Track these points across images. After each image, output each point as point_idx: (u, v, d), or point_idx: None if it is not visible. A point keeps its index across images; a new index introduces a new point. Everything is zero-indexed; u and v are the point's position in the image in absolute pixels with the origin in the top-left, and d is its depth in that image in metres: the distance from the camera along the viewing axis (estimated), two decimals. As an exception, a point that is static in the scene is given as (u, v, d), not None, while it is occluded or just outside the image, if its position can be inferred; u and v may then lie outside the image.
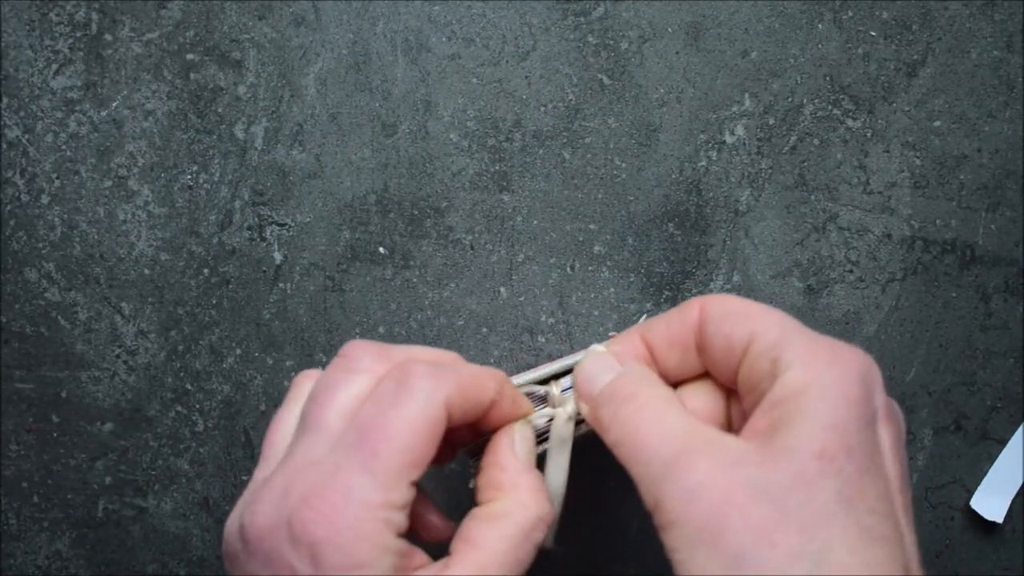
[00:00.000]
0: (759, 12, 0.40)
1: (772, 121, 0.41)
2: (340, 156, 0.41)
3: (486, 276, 0.41)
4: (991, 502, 0.42)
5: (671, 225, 0.41)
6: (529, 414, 0.31)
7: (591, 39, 0.40)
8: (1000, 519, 0.42)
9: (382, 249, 0.41)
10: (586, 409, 0.30)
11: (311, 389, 0.28)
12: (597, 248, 0.41)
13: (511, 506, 0.28)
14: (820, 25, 0.40)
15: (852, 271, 0.41)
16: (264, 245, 0.41)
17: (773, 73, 0.40)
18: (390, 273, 0.41)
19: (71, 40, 0.40)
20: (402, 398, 0.27)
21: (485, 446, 0.31)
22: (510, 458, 0.29)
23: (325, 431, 0.27)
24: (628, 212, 0.41)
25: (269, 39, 0.40)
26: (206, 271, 0.41)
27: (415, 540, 0.27)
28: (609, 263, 0.41)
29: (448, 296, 0.41)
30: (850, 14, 0.40)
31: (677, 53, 0.40)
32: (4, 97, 0.40)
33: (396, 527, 0.26)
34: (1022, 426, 0.42)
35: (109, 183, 0.41)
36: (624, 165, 0.41)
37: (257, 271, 0.41)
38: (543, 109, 0.41)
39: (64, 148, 0.41)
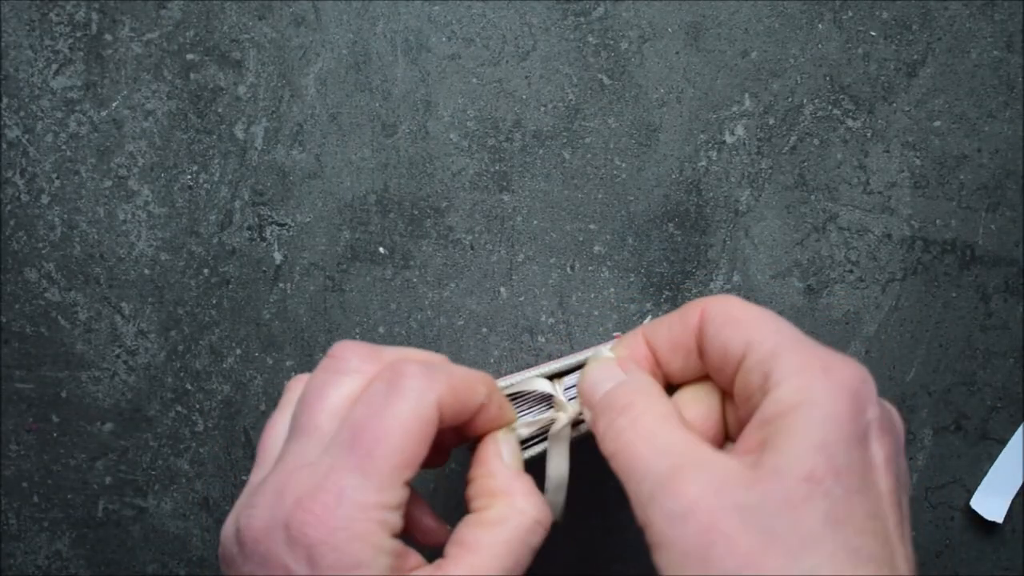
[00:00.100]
0: (759, 12, 0.40)
1: (772, 121, 0.41)
2: (340, 156, 0.41)
3: (486, 276, 0.41)
4: (991, 502, 0.42)
5: (671, 225, 0.41)
6: (513, 421, 0.31)
7: (591, 39, 0.40)
8: (1000, 519, 0.42)
9: (382, 249, 0.41)
10: (589, 414, 0.30)
11: (302, 392, 0.28)
12: (597, 248, 0.41)
13: (506, 512, 0.28)
14: (820, 25, 0.40)
15: (852, 271, 0.41)
16: (264, 245, 0.41)
17: (773, 73, 0.40)
18: (390, 273, 0.41)
19: (71, 40, 0.40)
20: (394, 398, 0.26)
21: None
22: (499, 465, 0.29)
23: (316, 433, 0.27)
24: (628, 212, 0.41)
25: (269, 39, 0.40)
26: (206, 271, 0.41)
27: (410, 543, 0.27)
28: (609, 263, 0.41)
29: (448, 296, 0.41)
30: (850, 14, 0.40)
31: (677, 53, 0.40)
32: (4, 97, 0.40)
33: (391, 527, 0.26)
34: (1022, 426, 0.42)
35: (109, 183, 0.41)
36: (624, 165, 0.41)
37: (257, 271, 0.41)
38: (543, 109, 0.41)
39: (64, 148, 0.41)
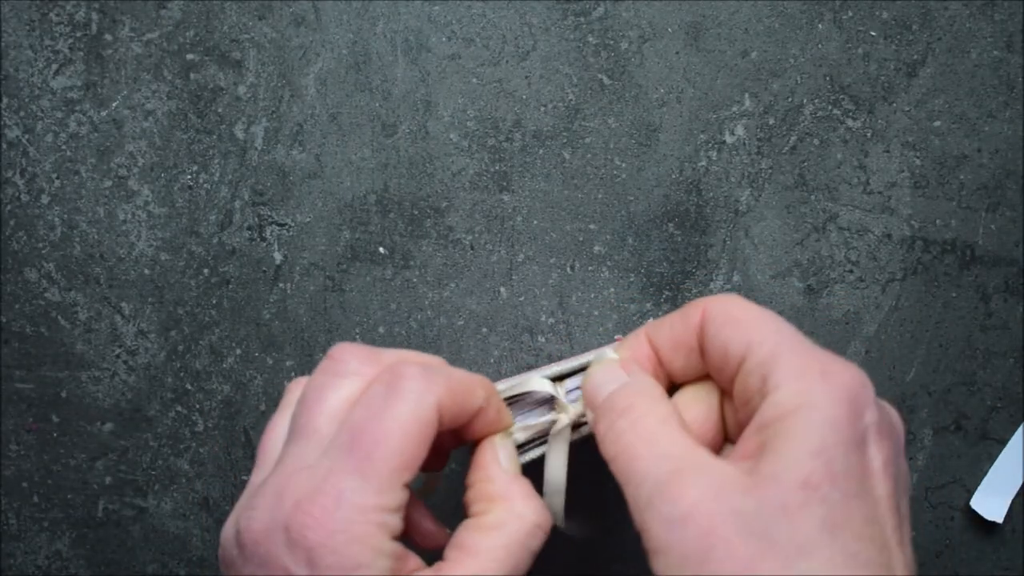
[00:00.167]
0: (759, 12, 0.40)
1: (772, 121, 0.41)
2: (340, 156, 0.41)
3: (486, 276, 0.41)
4: (991, 502, 0.42)
5: (671, 225, 0.41)
6: (510, 426, 0.31)
7: (591, 39, 0.40)
8: (1000, 519, 0.42)
9: (382, 249, 0.41)
10: (591, 416, 0.30)
11: (301, 394, 0.28)
12: (597, 248, 0.41)
13: (505, 516, 0.28)
14: (820, 25, 0.40)
15: (852, 271, 0.41)
16: (264, 245, 0.41)
17: (773, 73, 0.40)
18: (390, 273, 0.41)
19: (71, 40, 0.40)
20: (393, 400, 0.27)
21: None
22: (497, 470, 0.29)
23: (316, 435, 0.27)
24: (628, 212, 0.41)
25: (269, 39, 0.40)
26: (206, 271, 0.41)
27: (409, 546, 0.27)
28: (609, 263, 0.41)
29: (448, 296, 0.41)
30: (850, 14, 0.40)
31: (677, 53, 0.40)
32: (4, 97, 0.40)
33: (391, 529, 0.26)
34: (1022, 426, 0.42)
35: (109, 183, 0.41)
36: (624, 165, 0.41)
37: (257, 271, 0.41)
38: (543, 109, 0.41)
39: (64, 148, 0.41)
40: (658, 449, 0.26)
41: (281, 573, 0.25)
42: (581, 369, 0.32)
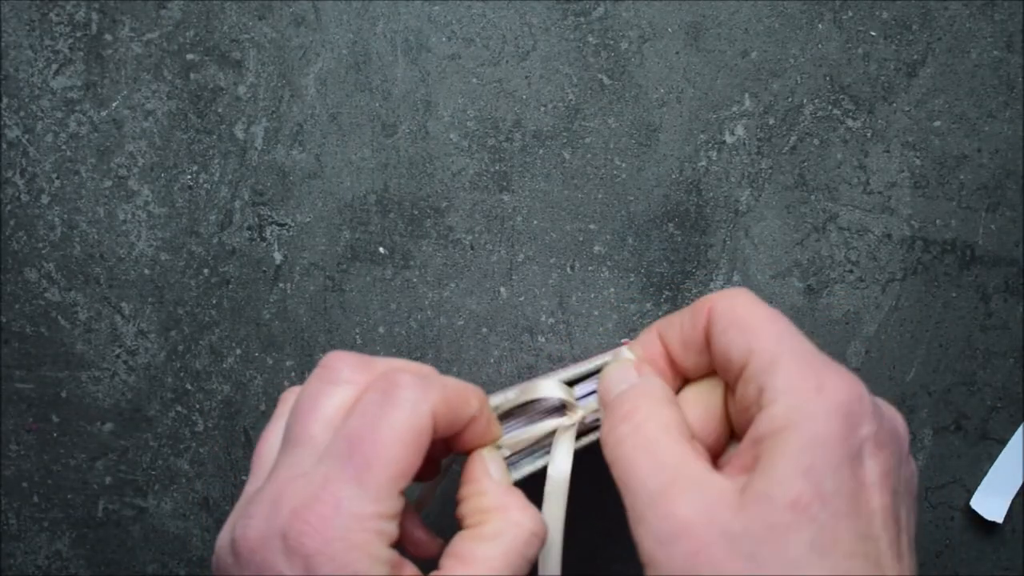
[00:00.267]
0: (759, 12, 0.40)
1: (772, 121, 0.41)
2: (340, 156, 0.41)
3: (486, 276, 0.41)
4: (991, 502, 0.42)
5: (671, 225, 0.41)
6: (499, 438, 0.31)
7: (591, 39, 0.40)
8: (1000, 519, 0.42)
9: (382, 249, 0.41)
10: (603, 415, 0.30)
11: (295, 402, 0.28)
12: (597, 248, 0.41)
13: (502, 526, 0.28)
14: (820, 25, 0.40)
15: (852, 271, 0.41)
16: (264, 245, 0.41)
17: (773, 73, 0.40)
18: (390, 273, 0.41)
19: (71, 40, 0.40)
20: (388, 408, 0.26)
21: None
22: (489, 482, 0.29)
23: (310, 443, 0.27)
24: (628, 212, 0.41)
25: (269, 39, 0.40)
26: (206, 271, 0.41)
27: (404, 553, 0.27)
28: (609, 263, 0.41)
29: (448, 296, 0.41)
30: (850, 14, 0.40)
31: (677, 53, 0.40)
32: (4, 97, 0.40)
33: (387, 537, 0.26)
34: (1022, 426, 0.42)
35: (109, 183, 0.41)
36: (624, 165, 0.41)
37: (257, 271, 0.41)
38: (543, 109, 0.41)
39: (64, 148, 0.41)
40: (655, 459, 0.26)
41: None
42: (595, 371, 0.32)
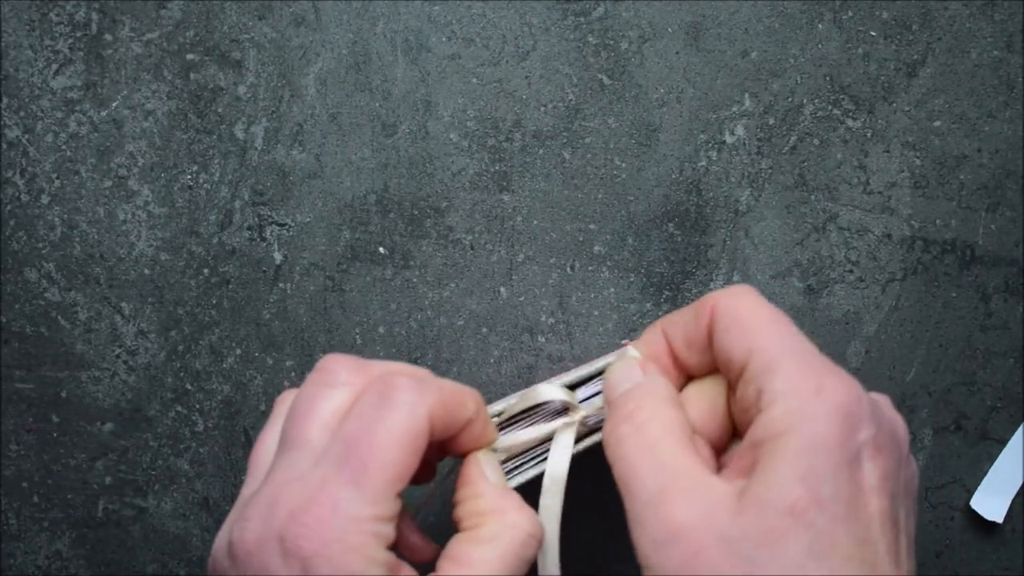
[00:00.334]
0: (759, 12, 0.40)
1: (772, 121, 0.41)
2: (340, 156, 0.41)
3: (486, 276, 0.41)
4: (991, 502, 0.42)
5: (671, 225, 0.41)
6: (494, 441, 0.31)
7: (591, 39, 0.40)
8: (1000, 519, 0.42)
9: (382, 249, 0.41)
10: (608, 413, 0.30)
11: (291, 405, 0.28)
12: (597, 248, 0.41)
13: (499, 528, 0.28)
14: (820, 25, 0.40)
15: (852, 271, 0.41)
16: (264, 245, 0.41)
17: (773, 73, 0.40)
18: (390, 273, 0.41)
19: (71, 40, 0.40)
20: (385, 410, 0.26)
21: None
22: (485, 485, 0.29)
23: (307, 445, 0.27)
24: (628, 212, 0.41)
25: (269, 39, 0.40)
26: (206, 271, 0.41)
27: (401, 556, 0.27)
28: (609, 263, 0.41)
29: (448, 296, 0.41)
30: (850, 14, 0.40)
31: (677, 53, 0.40)
32: (4, 97, 0.40)
33: (384, 539, 0.26)
34: (1022, 426, 0.42)
35: (109, 183, 0.41)
36: (624, 165, 0.41)
37: (257, 271, 0.41)
38: (543, 109, 0.41)
39: (64, 148, 0.41)
40: (655, 460, 0.26)
41: None
42: (598, 374, 0.33)
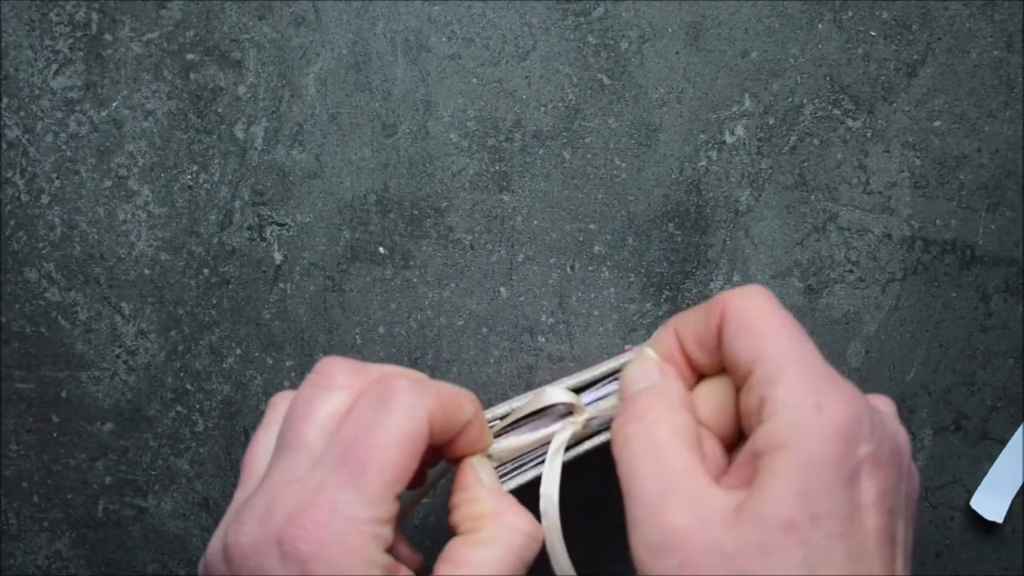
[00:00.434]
0: (759, 12, 0.40)
1: (772, 121, 0.41)
2: (340, 156, 0.41)
3: (486, 276, 0.41)
4: (991, 502, 0.42)
5: (671, 225, 0.41)
6: (489, 446, 0.31)
7: (591, 39, 0.40)
8: (1000, 519, 0.42)
9: (382, 249, 0.41)
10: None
11: (288, 407, 0.28)
12: (597, 248, 0.41)
13: (498, 531, 0.28)
14: (820, 25, 0.40)
15: (852, 271, 0.41)
16: (264, 245, 0.41)
17: (773, 73, 0.40)
18: (390, 273, 0.41)
19: (71, 40, 0.40)
20: (384, 413, 0.26)
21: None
22: (482, 490, 0.29)
23: (305, 448, 0.27)
24: (628, 212, 0.41)
25: (269, 39, 0.40)
26: (206, 271, 0.41)
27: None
28: (609, 263, 0.41)
29: (448, 296, 0.41)
30: (850, 14, 0.40)
31: (677, 53, 0.40)
32: (4, 97, 0.40)
33: (382, 541, 0.26)
34: (1022, 426, 0.42)
35: (109, 183, 0.41)
36: (624, 165, 0.41)
37: (257, 271, 0.41)
38: (543, 109, 0.41)
39: (64, 148, 0.41)
40: (658, 464, 0.26)
41: None
42: (602, 378, 0.33)
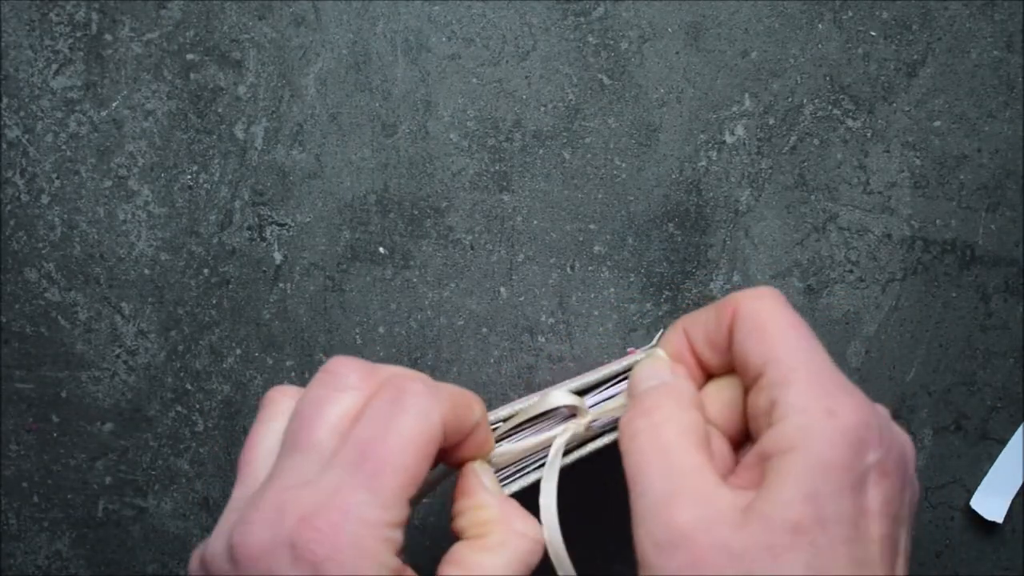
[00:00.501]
0: (759, 12, 0.40)
1: (772, 121, 0.41)
2: (340, 156, 0.41)
3: (486, 276, 0.41)
4: (991, 502, 0.42)
5: (671, 225, 0.41)
6: (490, 451, 0.31)
7: (591, 39, 0.40)
8: (1000, 519, 0.42)
9: (382, 249, 0.41)
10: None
11: (297, 407, 0.28)
12: (597, 248, 0.41)
13: (506, 536, 0.28)
14: (820, 25, 0.40)
15: (852, 271, 0.41)
16: (264, 245, 0.41)
17: (773, 73, 0.40)
18: (390, 273, 0.41)
19: (71, 40, 0.40)
20: (399, 415, 0.26)
21: None
22: (487, 496, 0.29)
23: (315, 449, 0.26)
24: (628, 212, 0.41)
25: (269, 39, 0.40)
26: (206, 271, 0.41)
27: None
28: (609, 263, 0.41)
29: (448, 296, 0.41)
30: (850, 14, 0.40)
31: (677, 53, 0.40)
32: (4, 97, 0.40)
33: (394, 545, 0.26)
34: (1022, 426, 0.42)
35: (109, 183, 0.41)
36: (624, 165, 0.41)
37: (257, 271, 0.41)
38: (543, 109, 0.41)
39: (64, 148, 0.41)
40: (666, 462, 0.26)
41: None
42: (605, 381, 0.33)
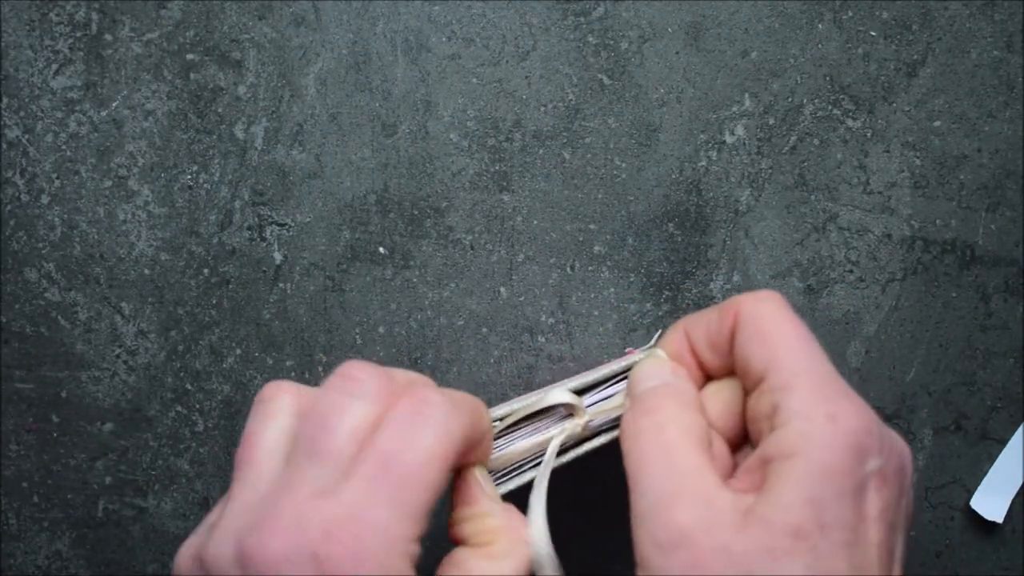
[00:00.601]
0: (759, 12, 0.40)
1: (772, 121, 0.41)
2: (340, 156, 0.41)
3: (486, 276, 0.41)
4: (991, 502, 0.42)
5: (671, 225, 0.41)
6: (488, 457, 0.31)
7: (591, 39, 0.40)
8: (1000, 519, 0.42)
9: (382, 249, 0.41)
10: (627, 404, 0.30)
11: (311, 410, 0.27)
12: (597, 248, 0.41)
13: (512, 545, 0.28)
14: (820, 25, 0.40)
15: (852, 271, 0.41)
16: (264, 245, 0.41)
17: (773, 73, 0.40)
18: (390, 273, 0.41)
19: (71, 40, 0.40)
20: (422, 428, 0.26)
21: None
22: (490, 504, 0.29)
23: (332, 458, 0.26)
24: (628, 212, 0.41)
25: (269, 39, 0.40)
26: (206, 271, 0.41)
27: None
28: (609, 263, 0.41)
29: (448, 296, 0.41)
30: (850, 14, 0.40)
31: (677, 53, 0.40)
32: (4, 97, 0.40)
33: (414, 558, 0.26)
34: (1022, 426, 0.42)
35: (109, 183, 0.41)
36: (624, 165, 0.41)
37: (257, 271, 0.41)
38: (543, 109, 0.41)
39: (64, 148, 0.41)
40: (668, 463, 0.26)
41: None
42: (603, 381, 0.33)
